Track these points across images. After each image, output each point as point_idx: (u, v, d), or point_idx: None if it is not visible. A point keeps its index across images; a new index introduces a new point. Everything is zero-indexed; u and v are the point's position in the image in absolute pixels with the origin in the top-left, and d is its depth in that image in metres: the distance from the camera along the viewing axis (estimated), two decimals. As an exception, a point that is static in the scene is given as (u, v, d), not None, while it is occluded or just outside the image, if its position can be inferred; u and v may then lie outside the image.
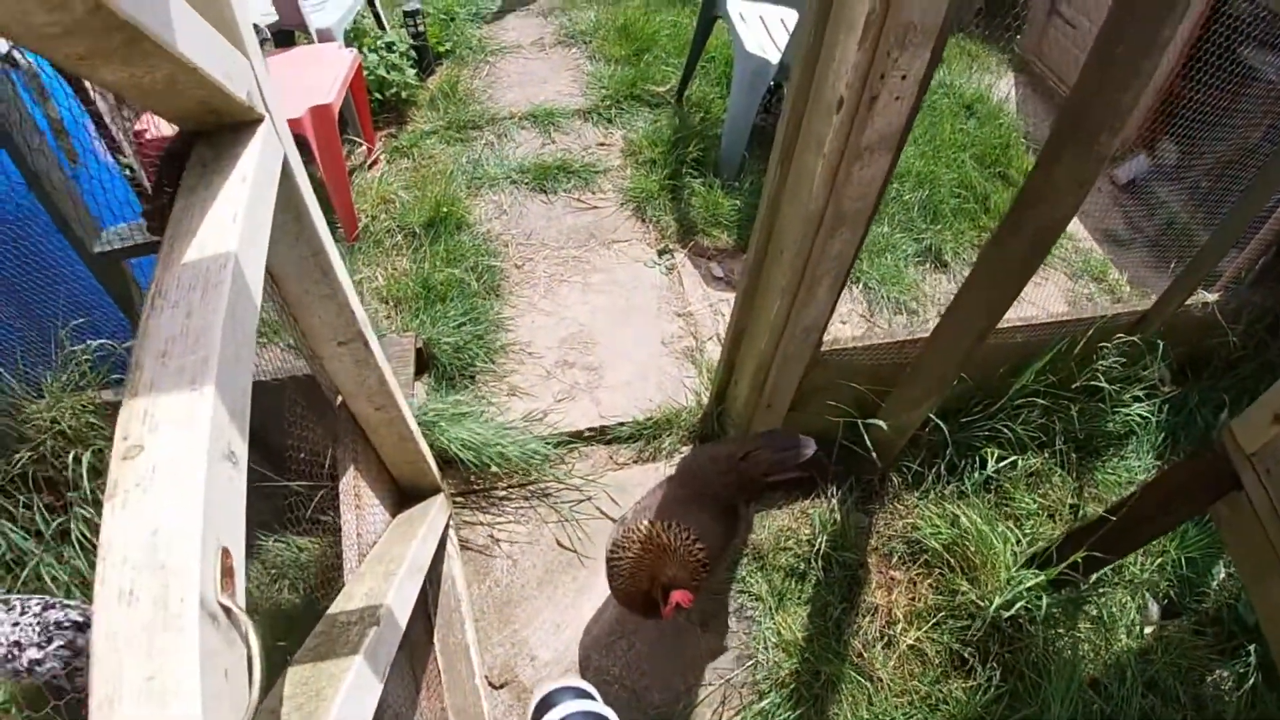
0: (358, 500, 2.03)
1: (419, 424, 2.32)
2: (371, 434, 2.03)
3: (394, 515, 2.19)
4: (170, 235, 0.98)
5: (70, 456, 2.17)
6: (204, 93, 1.01)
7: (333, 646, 1.29)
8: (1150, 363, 2.65)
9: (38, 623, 1.88)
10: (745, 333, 2.24)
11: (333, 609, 1.48)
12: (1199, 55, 3.33)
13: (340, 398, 1.88)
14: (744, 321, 2.21)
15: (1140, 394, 2.72)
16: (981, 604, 2.23)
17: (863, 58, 1.40)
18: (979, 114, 4.41)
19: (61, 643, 1.88)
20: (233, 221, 0.99)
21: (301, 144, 3.03)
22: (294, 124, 2.96)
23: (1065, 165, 1.56)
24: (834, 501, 2.52)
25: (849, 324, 3.15)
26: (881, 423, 2.30)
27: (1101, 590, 2.40)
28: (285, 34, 4.02)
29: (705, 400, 2.71)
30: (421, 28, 4.47)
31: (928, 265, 3.52)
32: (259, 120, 1.16)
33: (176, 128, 1.12)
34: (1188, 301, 2.63)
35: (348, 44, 4.05)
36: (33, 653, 1.84)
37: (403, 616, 1.53)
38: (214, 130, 1.12)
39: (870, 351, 2.29)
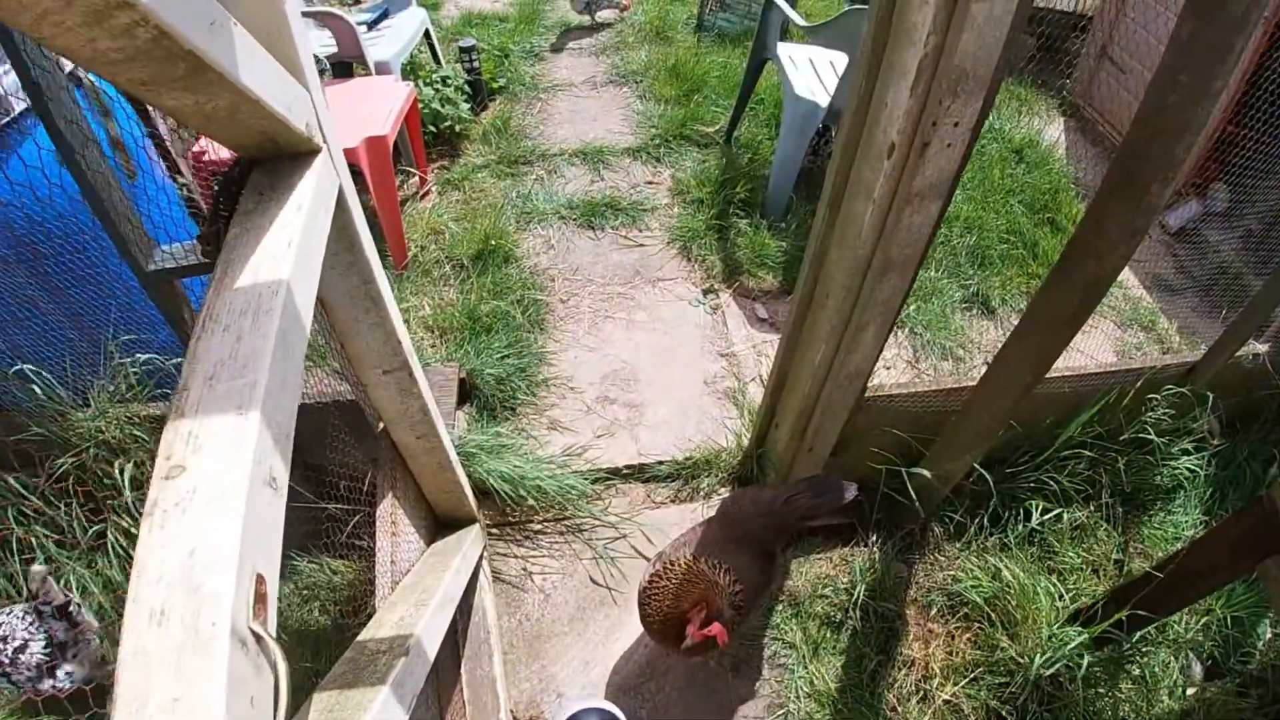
0: (393, 527, 2.04)
1: (458, 454, 2.33)
2: (411, 461, 2.05)
3: (429, 543, 2.20)
4: (224, 260, 0.99)
5: (115, 467, 2.20)
6: (264, 123, 1.03)
7: (360, 674, 1.29)
8: (1199, 415, 2.58)
9: (22, 612, 1.91)
10: (789, 376, 2.22)
11: (362, 635, 1.48)
12: (1250, 99, 3.28)
13: (382, 424, 1.90)
14: (787, 365, 2.19)
15: (1189, 447, 2.64)
16: (1021, 660, 2.17)
17: (914, 104, 1.40)
18: (1028, 159, 4.36)
19: (47, 610, 1.91)
20: (287, 249, 0.99)
21: (355, 173, 3.08)
22: (349, 154, 3.02)
23: (1116, 216, 1.53)
24: (874, 550, 2.47)
25: (893, 369, 3.12)
26: (925, 471, 2.26)
27: (1144, 649, 2.32)
28: (344, 65, 4.13)
29: (745, 442, 2.68)
30: (476, 63, 4.57)
31: (974, 311, 3.47)
32: (317, 151, 1.17)
33: (234, 154, 1.14)
34: (1238, 353, 2.56)
35: (404, 77, 4.15)
36: (18, 640, 1.86)
37: (432, 648, 1.52)
38: (272, 158, 1.14)
39: (915, 398, 2.26)
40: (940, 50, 1.31)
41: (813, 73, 3.70)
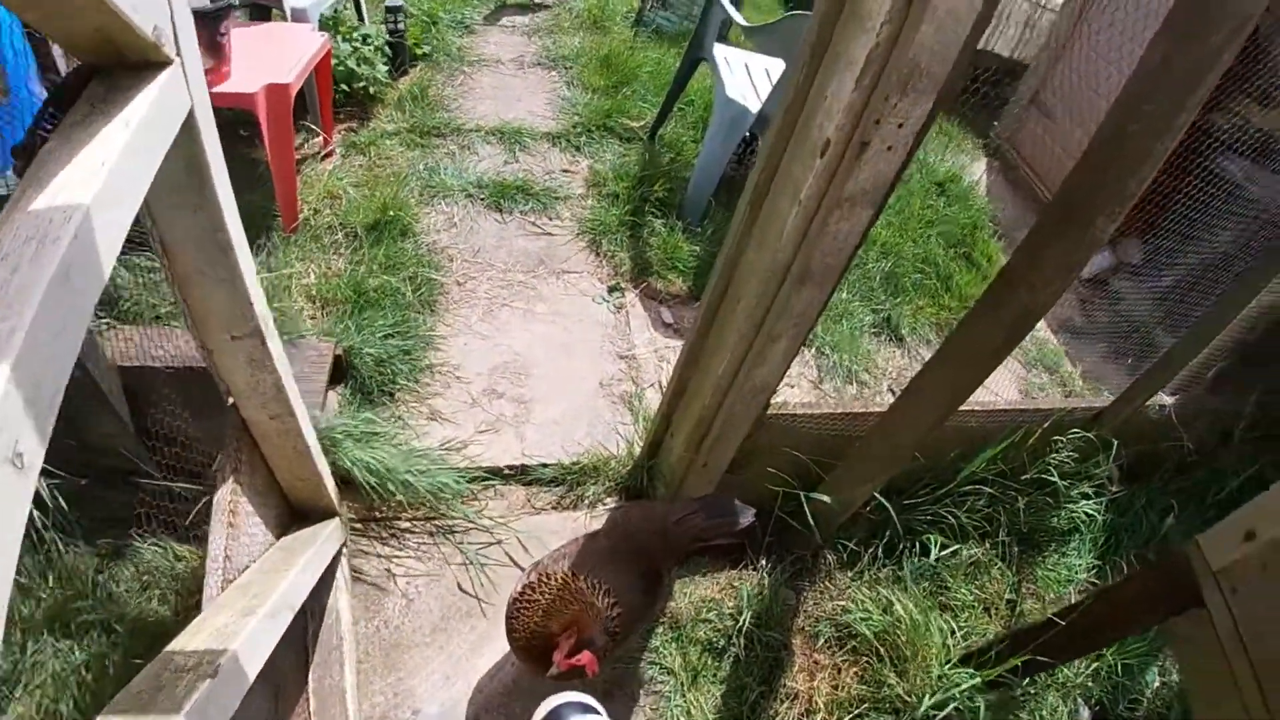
0: (232, 517, 1.81)
1: (322, 439, 2.11)
2: (263, 443, 1.82)
3: (280, 535, 1.98)
4: (27, 178, 0.81)
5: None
6: (101, 18, 0.86)
7: (156, 698, 1.07)
8: (1102, 461, 2.58)
9: None
10: (689, 384, 2.08)
11: (173, 645, 1.27)
12: (1173, 158, 3.31)
13: (232, 398, 1.68)
14: (689, 372, 2.05)
15: (1089, 491, 2.63)
16: (909, 699, 2.08)
17: (858, 98, 1.26)
18: (950, 193, 4.39)
19: None
20: (99, 169, 0.82)
21: (253, 123, 2.88)
22: (246, 99, 2.81)
23: (1055, 247, 1.44)
24: (763, 575, 2.35)
25: (797, 387, 3.02)
26: (825, 496, 2.15)
27: (1033, 691, 2.27)
28: (262, 10, 3.88)
29: (637, 451, 2.53)
30: (401, 25, 4.35)
31: (884, 338, 3.43)
32: (166, 64, 0.99)
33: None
34: (1146, 403, 2.56)
35: (323, 29, 3.91)
36: None
37: (253, 666, 1.31)
38: (114, 68, 0.96)
39: (819, 420, 2.15)
40: (894, 41, 1.19)
41: (746, 77, 3.60)
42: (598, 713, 1.84)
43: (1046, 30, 5.06)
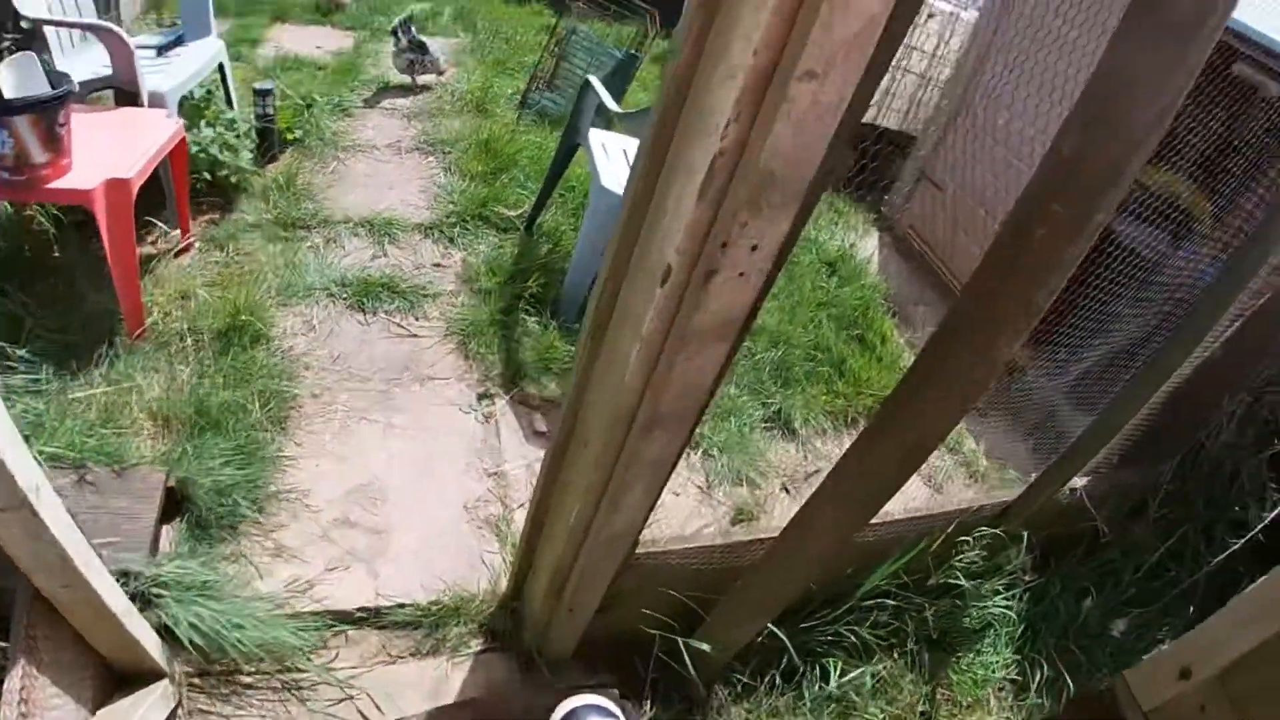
0: (25, 705, 1.55)
1: (144, 592, 1.89)
2: (65, 612, 1.57)
3: (98, 708, 1.71)
4: None
5: None
6: None
7: None
8: (1014, 555, 2.49)
9: None
10: (544, 524, 1.87)
11: None
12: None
13: (21, 566, 1.44)
14: (541, 515, 1.84)
15: (1000, 586, 2.53)
16: None
17: (702, 215, 1.06)
18: (841, 272, 4.33)
19: None
20: None
21: (91, 220, 2.65)
22: (83, 196, 2.58)
23: (951, 368, 1.29)
24: (646, 718, 2.14)
25: (683, 495, 2.84)
26: (704, 645, 1.94)
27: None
28: (129, 95, 3.59)
29: (503, 585, 2.30)
30: (271, 110, 4.14)
31: (776, 432, 3.28)
32: None
33: None
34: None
35: (190, 114, 3.69)
36: None
37: None
38: None
39: (695, 554, 1.96)
40: (743, 145, 0.98)
41: (625, 164, 3.47)
42: (615, 717, 1.69)
43: (933, 105, 5.11)
